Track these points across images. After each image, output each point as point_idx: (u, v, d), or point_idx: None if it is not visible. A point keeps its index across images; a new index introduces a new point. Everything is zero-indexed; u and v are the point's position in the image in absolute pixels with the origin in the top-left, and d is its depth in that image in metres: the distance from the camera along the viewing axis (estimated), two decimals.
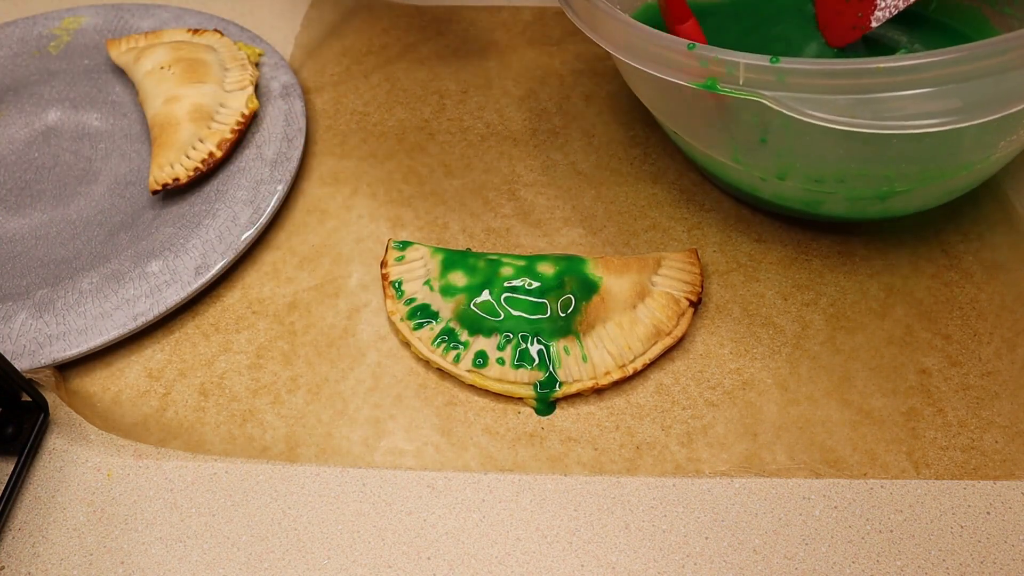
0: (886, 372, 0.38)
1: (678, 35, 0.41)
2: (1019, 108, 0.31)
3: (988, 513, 0.34)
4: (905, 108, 0.30)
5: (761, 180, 0.40)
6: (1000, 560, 0.33)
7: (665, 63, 0.34)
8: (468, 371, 0.37)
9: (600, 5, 0.36)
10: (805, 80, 0.31)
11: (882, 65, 0.29)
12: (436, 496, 0.35)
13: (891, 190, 0.39)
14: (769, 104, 0.32)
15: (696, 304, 0.39)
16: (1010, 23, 0.45)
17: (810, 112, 0.31)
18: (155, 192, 0.44)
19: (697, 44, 0.32)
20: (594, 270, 0.39)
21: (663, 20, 0.43)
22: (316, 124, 0.51)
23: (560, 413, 0.37)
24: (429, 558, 0.33)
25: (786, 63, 0.30)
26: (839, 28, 0.47)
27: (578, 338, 0.38)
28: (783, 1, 0.50)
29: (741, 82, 0.32)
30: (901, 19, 0.45)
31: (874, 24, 0.45)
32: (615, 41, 0.36)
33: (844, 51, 0.47)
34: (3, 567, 0.34)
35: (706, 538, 0.34)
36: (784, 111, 0.31)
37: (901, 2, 0.43)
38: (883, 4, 0.44)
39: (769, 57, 0.31)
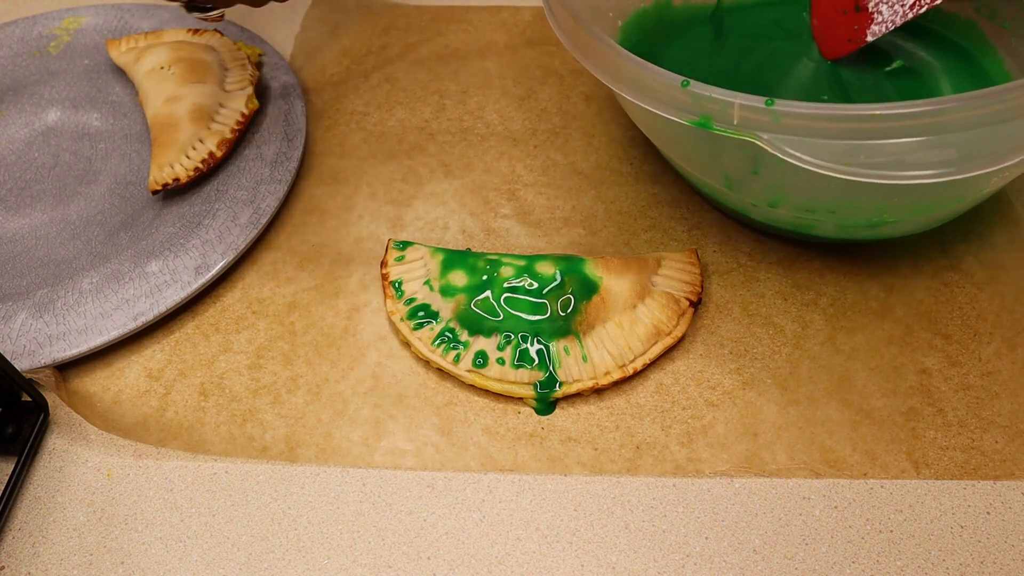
0: (886, 372, 0.38)
1: None
2: (1015, 161, 0.30)
3: (988, 513, 0.34)
4: (900, 156, 0.30)
5: (752, 206, 0.40)
6: (1000, 560, 0.33)
7: (659, 98, 0.33)
8: (468, 371, 0.37)
9: (594, 33, 0.35)
10: (800, 123, 0.30)
11: (877, 112, 0.29)
12: (436, 496, 0.35)
13: (881, 220, 0.39)
14: (763, 146, 0.31)
15: (696, 304, 0.39)
16: (1007, 38, 0.45)
17: (804, 156, 0.30)
18: (155, 192, 0.44)
19: (691, 81, 0.32)
20: (594, 270, 0.39)
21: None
22: (316, 124, 0.51)
23: (560, 413, 0.37)
24: (429, 558, 0.33)
25: (781, 105, 0.30)
26: (834, 40, 0.47)
27: (578, 338, 0.38)
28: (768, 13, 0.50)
29: (735, 122, 0.31)
30: (898, 28, 0.45)
31: (870, 38, 0.45)
32: (609, 72, 0.35)
33: (840, 59, 0.48)
34: (3, 567, 0.34)
35: (706, 538, 0.34)
36: (778, 154, 0.31)
37: (899, 18, 0.44)
38: (880, 19, 0.44)
39: (765, 99, 0.30)
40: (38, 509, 0.35)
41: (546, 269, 0.39)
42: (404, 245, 0.42)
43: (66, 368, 0.40)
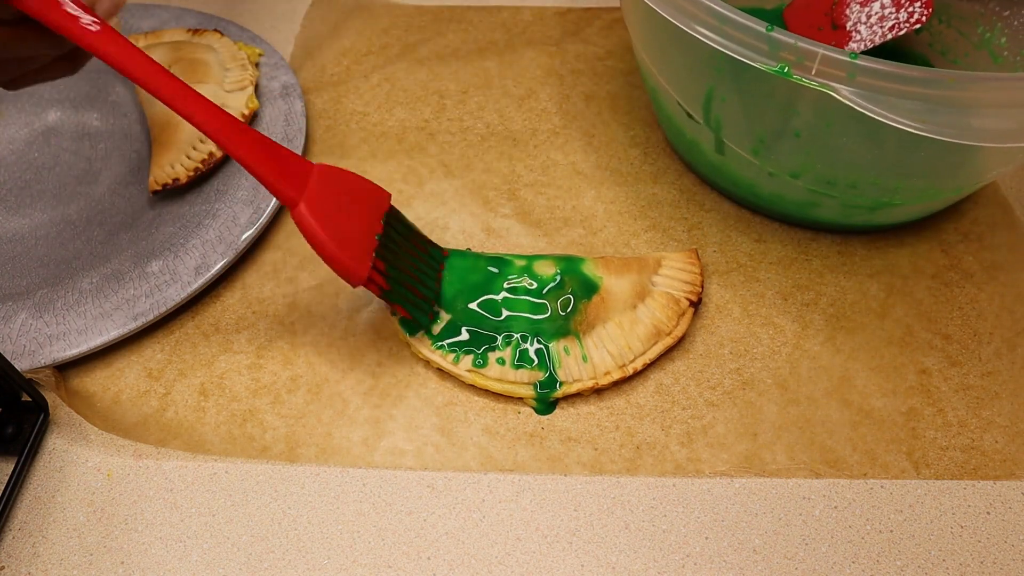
0: (886, 372, 0.38)
1: None
2: None
3: (988, 513, 0.34)
4: (964, 122, 0.31)
5: (769, 175, 0.40)
6: (1000, 560, 0.33)
7: (740, 43, 0.33)
8: (468, 371, 0.37)
9: None
10: (876, 81, 0.31)
11: (954, 78, 0.30)
12: (436, 496, 0.35)
13: (890, 202, 0.39)
14: (839, 98, 0.32)
15: (696, 304, 0.39)
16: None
17: (877, 109, 0.31)
18: (155, 192, 0.44)
19: (776, 28, 0.32)
20: (594, 270, 0.39)
21: None
22: (316, 124, 0.51)
23: (560, 413, 0.37)
24: (429, 558, 0.33)
25: (863, 61, 0.31)
26: None
27: (578, 338, 0.38)
28: None
29: (814, 72, 0.32)
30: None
31: None
32: (688, 12, 0.35)
33: None
34: (3, 567, 0.34)
35: (706, 538, 0.34)
36: (854, 106, 0.32)
37: (877, 38, 0.44)
38: (858, 37, 0.45)
39: (848, 52, 0.31)
40: (38, 509, 0.35)
41: (546, 269, 0.39)
42: None
43: (66, 368, 0.40)
